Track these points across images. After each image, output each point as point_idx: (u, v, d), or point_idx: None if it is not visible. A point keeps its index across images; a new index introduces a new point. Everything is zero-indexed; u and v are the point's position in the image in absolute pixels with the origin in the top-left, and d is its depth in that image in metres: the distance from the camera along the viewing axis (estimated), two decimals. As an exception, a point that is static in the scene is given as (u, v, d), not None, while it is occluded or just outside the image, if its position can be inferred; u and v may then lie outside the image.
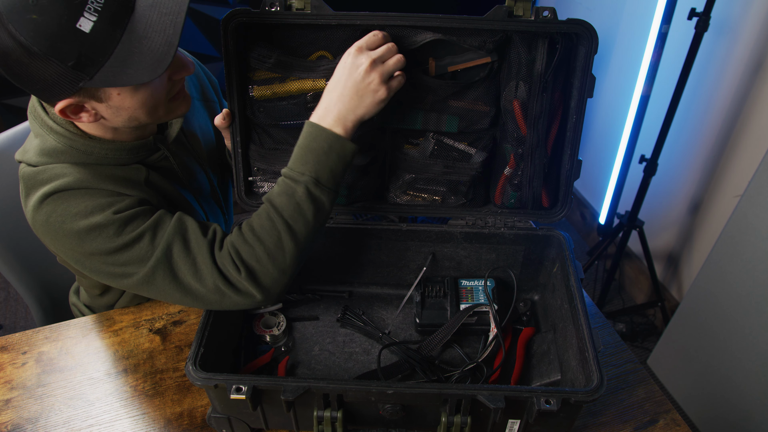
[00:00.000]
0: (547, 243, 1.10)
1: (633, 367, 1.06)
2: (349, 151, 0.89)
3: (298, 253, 0.88)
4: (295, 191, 0.87)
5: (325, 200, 0.89)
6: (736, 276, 1.53)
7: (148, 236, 0.87)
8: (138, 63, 0.80)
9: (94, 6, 0.75)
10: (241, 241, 0.87)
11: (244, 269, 0.86)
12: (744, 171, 1.77)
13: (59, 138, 0.90)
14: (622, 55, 2.25)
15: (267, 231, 0.87)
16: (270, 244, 0.87)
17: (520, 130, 0.99)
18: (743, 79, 1.72)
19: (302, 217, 0.87)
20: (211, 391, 0.83)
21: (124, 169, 0.95)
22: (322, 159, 0.87)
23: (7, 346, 1.10)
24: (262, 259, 0.87)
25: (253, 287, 0.87)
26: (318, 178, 0.87)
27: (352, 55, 0.88)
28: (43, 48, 0.74)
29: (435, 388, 0.80)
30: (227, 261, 0.87)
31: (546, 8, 0.90)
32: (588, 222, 2.66)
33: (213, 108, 1.23)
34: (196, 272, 0.87)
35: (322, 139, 0.88)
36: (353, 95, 0.87)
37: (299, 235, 0.87)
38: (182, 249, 0.87)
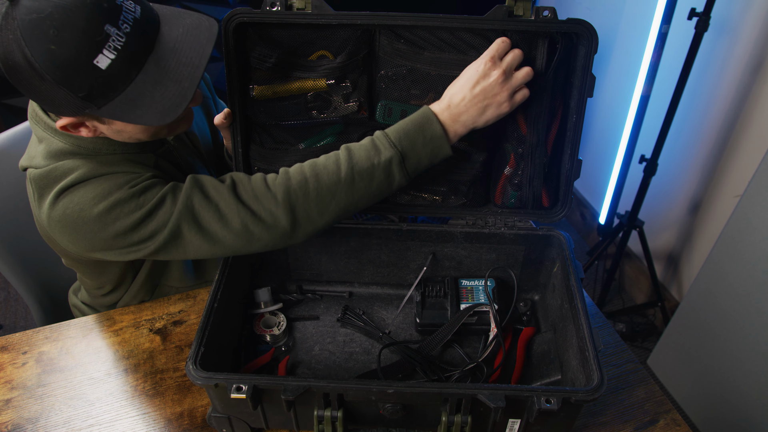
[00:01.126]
0: (547, 243, 1.10)
1: (633, 367, 1.06)
2: (442, 153, 0.89)
3: (344, 207, 0.87)
4: (379, 154, 0.86)
5: (397, 180, 0.88)
6: (736, 276, 1.53)
7: (170, 198, 0.87)
8: (148, 106, 0.80)
9: (114, 44, 0.75)
10: (297, 170, 0.87)
11: (284, 195, 0.85)
12: (744, 171, 1.77)
13: (65, 139, 0.90)
14: (622, 55, 2.25)
15: (330, 172, 0.86)
16: (325, 182, 0.86)
17: (520, 129, 0.99)
18: (743, 79, 1.72)
19: (370, 180, 0.86)
20: (212, 391, 0.83)
21: (134, 155, 0.96)
22: (418, 144, 0.87)
23: (7, 346, 1.10)
24: (309, 193, 0.85)
25: (285, 215, 0.85)
26: (405, 158, 0.87)
27: (485, 63, 0.87)
28: (56, 77, 0.74)
29: (435, 388, 0.80)
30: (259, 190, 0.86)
31: (546, 8, 0.90)
32: (588, 222, 2.66)
33: (207, 104, 1.23)
34: (221, 217, 0.86)
35: (429, 129, 0.87)
36: (479, 104, 0.88)
37: (356, 193, 0.87)
38: (203, 198, 0.87)
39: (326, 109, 1.00)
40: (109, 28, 0.74)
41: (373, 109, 1.01)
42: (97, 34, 0.73)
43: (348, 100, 0.99)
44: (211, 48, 0.84)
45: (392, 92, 0.99)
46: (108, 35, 0.74)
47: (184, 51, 0.82)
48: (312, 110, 1.01)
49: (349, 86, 0.98)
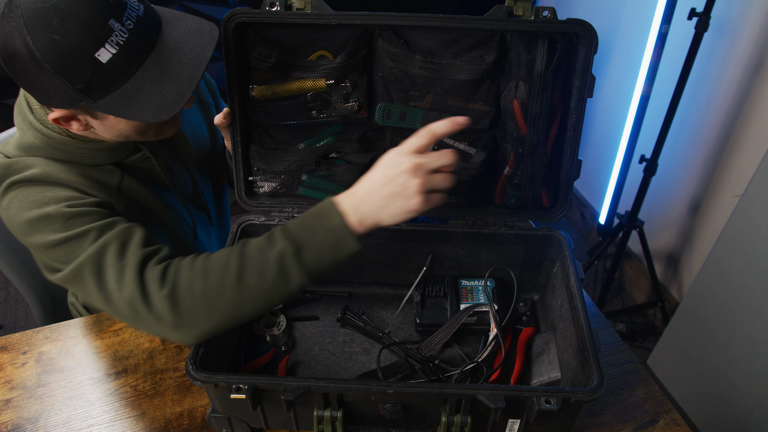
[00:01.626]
0: (547, 243, 1.10)
1: (633, 367, 1.06)
2: (347, 247, 0.77)
3: (233, 309, 0.78)
4: (271, 247, 0.78)
5: (293, 276, 0.77)
6: (737, 276, 1.53)
7: (92, 235, 0.83)
8: (145, 103, 0.80)
9: (117, 39, 0.75)
10: (188, 264, 0.80)
11: (169, 287, 0.78)
12: (744, 171, 1.77)
13: (37, 134, 0.89)
14: (622, 55, 2.25)
15: (218, 267, 0.78)
16: (213, 279, 0.78)
17: (520, 129, 0.99)
18: (743, 79, 1.72)
19: (261, 275, 0.77)
20: (211, 391, 0.83)
21: (97, 170, 0.94)
22: (317, 236, 0.77)
23: (7, 346, 1.10)
24: (195, 289, 0.78)
25: (169, 310, 0.77)
26: (301, 249, 0.77)
27: (395, 150, 0.77)
28: (56, 67, 0.74)
29: (435, 388, 0.80)
30: (156, 275, 0.79)
31: (546, 8, 0.90)
32: (588, 222, 2.66)
33: (208, 110, 1.22)
34: (119, 279, 0.80)
35: (329, 219, 0.77)
36: (382, 193, 0.76)
37: (246, 291, 0.77)
38: (117, 252, 0.82)
39: (326, 109, 1.00)
40: (113, 23, 0.75)
41: (372, 109, 1.01)
42: (101, 27, 0.74)
43: (347, 100, 0.99)
44: (212, 51, 0.84)
45: (391, 94, 0.99)
46: (111, 30, 0.74)
47: (185, 51, 0.82)
48: (311, 110, 1.01)
49: (348, 86, 0.98)
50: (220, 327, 0.80)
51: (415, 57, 0.94)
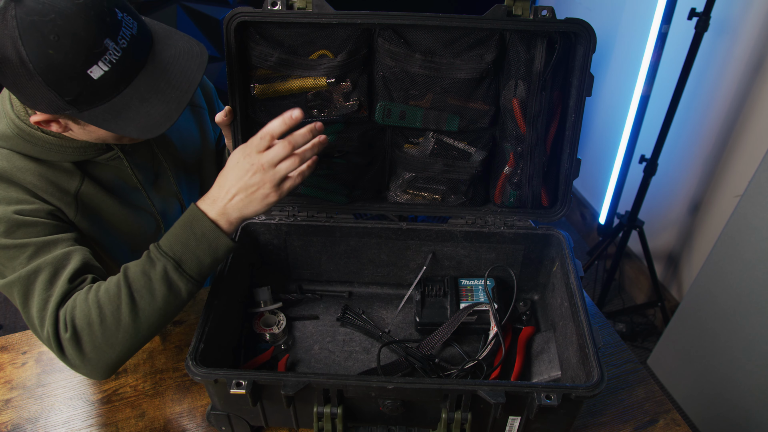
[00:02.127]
0: (546, 242, 1.10)
1: (633, 367, 1.06)
2: (222, 246, 0.85)
3: (134, 333, 0.82)
4: (153, 267, 0.82)
5: (183, 287, 0.83)
6: (736, 276, 1.53)
7: (30, 251, 0.85)
8: (131, 119, 0.81)
9: (110, 57, 0.76)
10: (83, 299, 0.82)
11: (71, 329, 0.80)
12: (744, 171, 1.77)
13: (10, 124, 0.89)
14: (622, 55, 2.25)
15: (110, 296, 0.81)
16: (107, 310, 0.81)
17: (519, 128, 0.99)
18: (743, 79, 1.72)
19: (151, 296, 0.82)
20: (211, 387, 0.83)
21: (57, 173, 0.93)
22: (191, 245, 0.83)
23: (7, 346, 1.10)
24: (93, 324, 0.81)
25: (75, 352, 0.81)
26: (181, 262, 0.83)
27: (241, 151, 0.84)
28: (48, 80, 0.75)
29: (435, 384, 0.80)
30: (62, 316, 0.81)
31: (545, 7, 0.90)
32: (588, 222, 2.66)
33: (200, 114, 1.21)
34: (41, 310, 0.82)
35: (198, 225, 0.84)
36: (240, 193, 0.84)
37: (141, 313, 0.82)
38: (46, 281, 0.83)
39: (326, 108, 1.01)
40: (108, 42, 0.75)
41: (372, 108, 1.01)
42: (96, 46, 0.74)
43: (348, 99, 0.99)
44: (201, 76, 0.84)
45: (391, 93, 0.99)
46: (106, 48, 0.75)
47: (174, 73, 0.83)
48: (312, 109, 1.01)
49: (349, 85, 0.98)
50: (124, 354, 0.84)
51: (415, 56, 0.94)
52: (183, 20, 2.21)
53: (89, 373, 0.84)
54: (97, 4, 0.75)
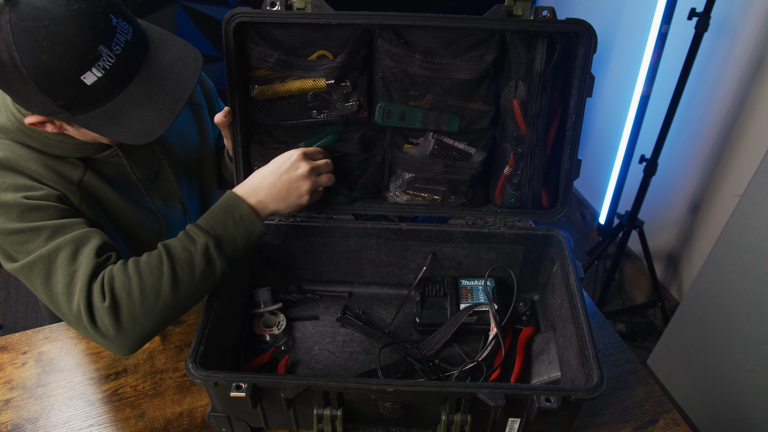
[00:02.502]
0: (546, 242, 1.10)
1: (633, 367, 1.06)
2: (256, 231, 0.91)
3: (172, 305, 0.85)
4: (195, 242, 0.86)
5: (218, 265, 0.88)
6: (736, 276, 1.53)
7: (47, 233, 0.85)
8: (123, 125, 0.81)
9: (104, 64, 0.76)
10: (121, 270, 0.83)
11: (109, 298, 0.81)
12: (744, 171, 1.77)
13: (10, 116, 0.89)
14: (622, 55, 2.25)
15: (151, 268, 0.84)
16: (148, 281, 0.83)
17: (519, 129, 0.99)
18: (743, 79, 1.72)
19: (191, 269, 0.85)
20: (211, 389, 0.83)
21: (61, 162, 0.93)
22: (230, 226, 0.89)
23: (7, 346, 1.10)
24: (133, 293, 0.82)
25: (111, 322, 0.81)
26: (221, 240, 0.88)
27: (295, 156, 0.95)
28: (41, 85, 0.74)
29: (435, 386, 0.80)
30: (98, 287, 0.82)
31: (545, 8, 0.90)
32: (588, 222, 2.66)
33: (200, 113, 1.21)
34: (68, 285, 0.83)
35: (237, 210, 0.90)
36: (282, 190, 0.93)
37: (181, 286, 0.85)
38: (69, 257, 0.84)
39: (326, 108, 1.00)
40: (102, 48, 0.75)
41: (372, 109, 1.01)
42: (90, 53, 0.74)
43: (348, 100, 0.99)
44: (195, 83, 0.85)
45: (391, 93, 0.99)
46: (99, 55, 0.75)
47: (168, 80, 0.83)
48: (312, 110, 1.01)
49: (348, 86, 0.98)
50: (157, 326, 0.85)
51: (415, 57, 0.94)
52: (183, 20, 2.21)
53: (119, 346, 0.84)
54: (92, 10, 0.74)
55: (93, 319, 0.82)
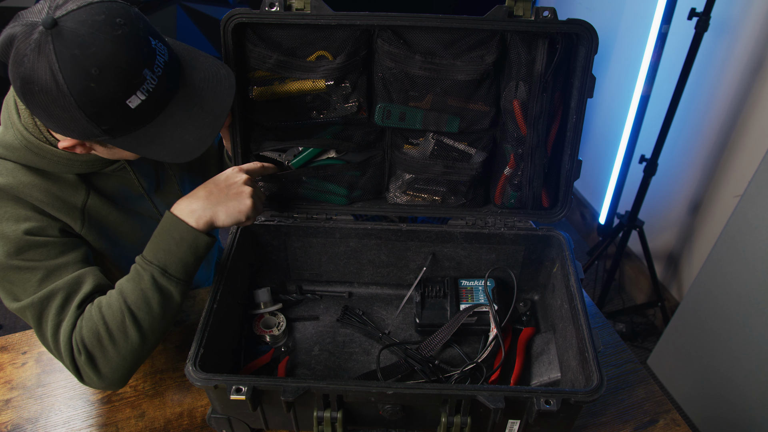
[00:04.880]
0: (547, 243, 1.10)
1: (633, 367, 1.06)
2: (202, 243, 0.88)
3: (141, 342, 0.86)
4: (141, 278, 0.86)
5: (173, 290, 0.87)
6: (736, 276, 1.53)
7: (40, 274, 0.86)
8: (165, 144, 0.81)
9: (147, 86, 0.76)
10: (87, 317, 0.85)
11: (84, 352, 0.84)
12: (744, 171, 1.77)
13: (18, 135, 0.88)
14: (622, 55, 2.25)
15: (113, 312, 0.85)
16: (113, 325, 0.84)
17: (520, 130, 0.99)
18: (743, 79, 1.72)
19: (147, 305, 0.85)
20: (211, 392, 0.83)
21: (62, 188, 0.92)
22: (172, 249, 0.87)
23: (7, 346, 1.10)
24: (103, 340, 0.84)
25: (92, 372, 0.85)
26: (166, 268, 0.87)
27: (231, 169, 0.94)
28: (88, 112, 0.74)
29: (435, 389, 0.80)
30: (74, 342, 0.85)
31: (546, 8, 0.90)
32: (588, 222, 2.66)
33: None
34: (55, 335, 0.86)
35: (176, 230, 0.87)
36: (220, 194, 0.90)
37: (143, 324, 0.86)
38: (59, 306, 0.86)
39: (325, 109, 1.00)
40: (146, 72, 0.75)
41: (372, 110, 1.01)
42: (136, 77, 0.74)
43: (347, 101, 0.99)
44: (232, 100, 0.85)
45: (391, 94, 0.99)
46: (144, 78, 0.75)
47: (207, 98, 0.83)
48: (311, 111, 1.01)
49: (348, 87, 0.97)
50: (137, 362, 0.88)
51: (414, 57, 0.94)
52: (183, 20, 2.21)
53: (108, 387, 0.88)
54: (134, 34, 0.74)
55: (78, 371, 0.86)
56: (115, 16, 0.73)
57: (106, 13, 0.73)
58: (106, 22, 0.72)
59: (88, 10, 0.72)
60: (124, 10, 0.75)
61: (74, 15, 0.72)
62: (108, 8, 0.74)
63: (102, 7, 0.73)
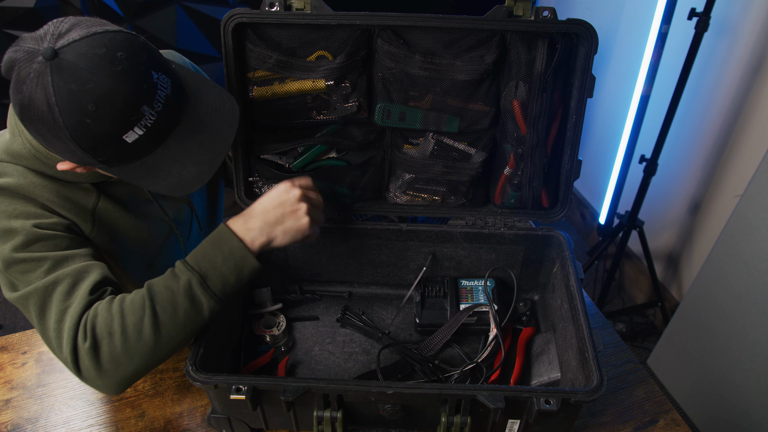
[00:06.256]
0: (547, 243, 1.10)
1: (633, 367, 1.06)
2: (248, 266, 0.86)
3: (154, 347, 0.81)
4: (176, 281, 0.83)
5: (205, 304, 0.83)
6: (736, 276, 1.53)
7: (48, 264, 0.84)
8: (162, 178, 0.80)
9: (146, 122, 0.74)
10: (106, 308, 0.81)
11: (90, 339, 0.79)
12: (744, 171, 1.77)
13: (26, 143, 0.88)
14: (622, 55, 2.25)
15: (134, 307, 0.81)
16: (129, 321, 0.80)
17: (520, 130, 0.99)
18: (743, 79, 1.72)
19: (173, 308, 0.81)
20: (211, 392, 0.83)
21: (73, 190, 0.92)
22: (218, 262, 0.84)
23: (7, 346, 1.10)
24: (114, 334, 0.79)
25: (91, 363, 0.79)
26: (206, 277, 0.83)
27: (284, 183, 0.91)
28: (84, 146, 0.73)
29: (435, 389, 0.80)
30: (82, 326, 0.80)
31: (546, 8, 0.90)
32: (588, 222, 2.66)
33: None
34: (59, 321, 0.81)
35: (226, 244, 0.85)
36: (276, 214, 0.88)
37: (163, 326, 0.81)
38: (64, 292, 0.82)
39: (325, 109, 1.00)
40: (144, 108, 0.73)
41: (372, 110, 1.01)
42: (134, 113, 0.73)
43: (347, 101, 0.99)
44: (233, 136, 0.83)
45: (391, 94, 0.99)
46: (142, 114, 0.74)
47: (207, 134, 0.81)
48: (311, 111, 1.01)
49: (348, 87, 0.97)
50: (140, 369, 0.82)
51: (414, 57, 0.94)
52: (183, 20, 2.21)
53: (103, 387, 0.82)
54: (134, 69, 0.72)
55: (76, 360, 0.80)
56: (117, 50, 0.72)
57: (107, 46, 0.71)
58: (107, 56, 0.71)
59: (90, 42, 0.71)
60: (127, 42, 0.73)
61: (75, 47, 0.70)
62: (111, 40, 0.72)
63: (105, 39, 0.72)
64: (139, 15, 2.18)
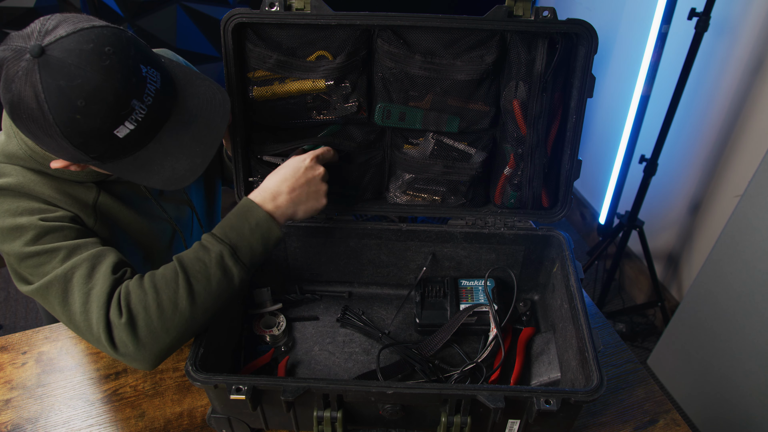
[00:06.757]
0: (547, 243, 1.10)
1: (633, 367, 1.06)
2: (274, 236, 0.89)
3: (191, 317, 0.82)
4: (209, 252, 0.84)
5: (236, 274, 0.85)
6: (736, 276, 1.53)
7: (63, 254, 0.84)
8: (155, 172, 0.80)
9: (136, 117, 0.74)
10: (137, 285, 0.82)
11: (126, 314, 0.79)
12: (744, 171, 1.77)
13: (22, 144, 0.88)
14: (622, 55, 2.25)
15: (167, 282, 0.82)
16: (164, 295, 0.81)
17: (519, 130, 0.99)
18: (743, 79, 1.72)
19: (207, 280, 0.83)
20: (211, 392, 0.83)
21: (73, 186, 0.92)
22: (245, 233, 0.87)
23: (7, 346, 1.10)
24: (150, 308, 0.80)
25: (129, 338, 0.79)
26: (236, 249, 0.85)
27: (308, 159, 0.95)
28: (75, 142, 0.73)
29: (435, 389, 0.80)
30: (114, 304, 0.81)
31: (546, 8, 0.90)
32: (588, 222, 2.66)
33: None
34: (85, 303, 0.81)
35: (253, 216, 0.88)
36: (302, 193, 0.93)
37: (197, 297, 0.82)
38: (85, 275, 0.82)
39: (325, 109, 1.00)
40: (134, 102, 0.73)
41: (372, 110, 1.01)
42: (123, 108, 0.73)
43: (347, 101, 0.99)
44: (225, 128, 0.84)
45: (391, 94, 0.99)
46: (132, 109, 0.74)
47: (199, 126, 0.82)
48: (311, 111, 1.01)
49: (348, 87, 0.98)
50: (177, 340, 0.83)
51: (414, 57, 0.94)
52: (183, 20, 2.21)
53: (141, 361, 0.82)
54: (123, 64, 0.72)
55: (111, 337, 0.80)
56: (105, 45, 0.71)
57: (95, 42, 0.71)
58: (94, 51, 0.70)
59: (77, 37, 0.71)
60: (115, 37, 0.73)
61: (62, 43, 0.70)
62: (98, 35, 0.72)
63: (92, 34, 0.71)
64: (139, 15, 2.18)
